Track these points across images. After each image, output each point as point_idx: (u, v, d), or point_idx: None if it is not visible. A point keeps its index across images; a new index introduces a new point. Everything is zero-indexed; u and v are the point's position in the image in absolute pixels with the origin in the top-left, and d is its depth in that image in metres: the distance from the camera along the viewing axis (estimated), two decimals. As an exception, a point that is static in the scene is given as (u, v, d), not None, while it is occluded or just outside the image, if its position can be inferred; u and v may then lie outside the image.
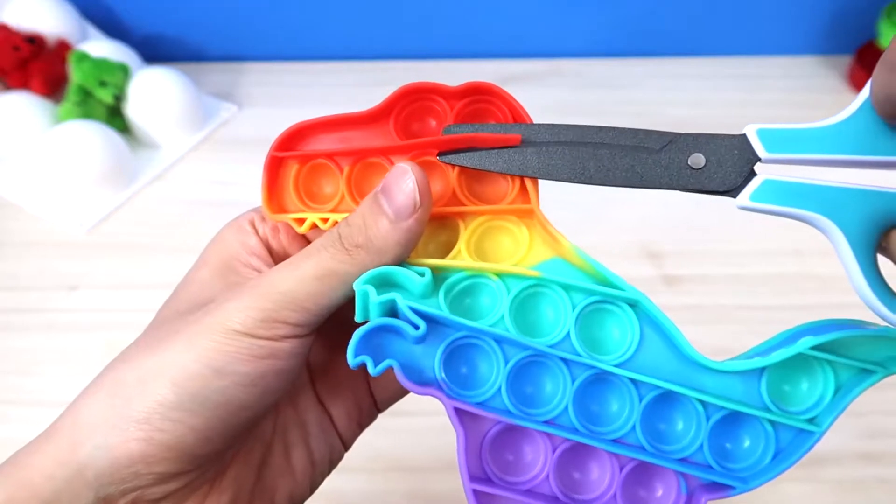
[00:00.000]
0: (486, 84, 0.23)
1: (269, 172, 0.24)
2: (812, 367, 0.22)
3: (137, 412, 0.21)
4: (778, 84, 0.73)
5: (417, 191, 0.21)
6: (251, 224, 0.26)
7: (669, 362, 0.22)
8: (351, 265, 0.21)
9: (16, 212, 0.63)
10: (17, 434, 0.48)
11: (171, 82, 0.67)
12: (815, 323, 0.23)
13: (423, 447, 0.46)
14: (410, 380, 0.21)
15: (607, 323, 0.23)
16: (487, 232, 0.24)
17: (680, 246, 0.58)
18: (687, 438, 0.22)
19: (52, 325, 0.54)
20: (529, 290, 0.23)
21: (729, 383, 0.22)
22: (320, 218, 0.24)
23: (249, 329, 0.21)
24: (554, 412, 0.22)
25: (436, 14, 0.77)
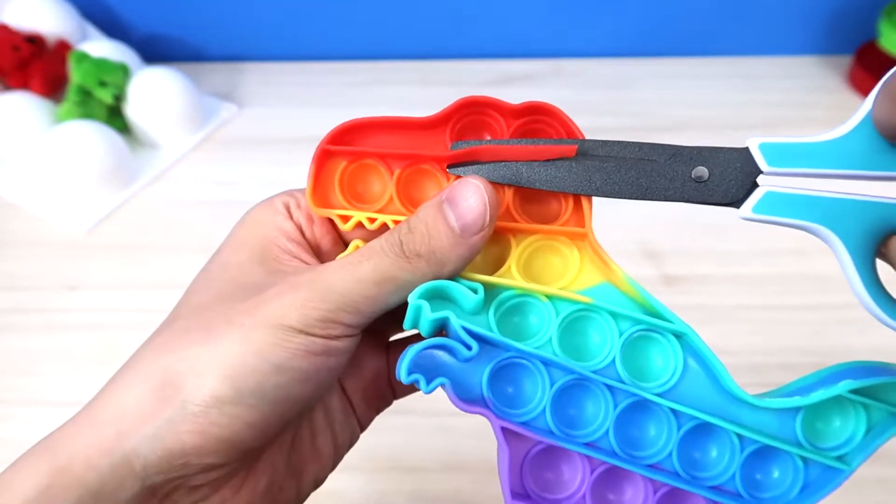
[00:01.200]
0: (544, 104, 0.23)
1: (318, 165, 0.24)
2: (846, 408, 0.22)
3: (193, 406, 0.20)
4: (778, 84, 0.73)
5: (489, 209, 0.21)
6: (285, 207, 0.25)
7: (710, 394, 0.22)
8: (410, 273, 0.21)
9: (16, 212, 0.63)
10: (17, 434, 0.48)
11: (171, 82, 0.67)
12: (851, 365, 0.23)
13: (423, 447, 0.46)
14: (460, 398, 0.22)
15: (652, 351, 0.23)
16: (538, 251, 0.24)
17: (680, 246, 0.58)
18: (720, 467, 0.23)
19: (52, 325, 0.54)
20: (578, 313, 0.23)
21: (765, 418, 0.22)
22: (367, 217, 0.24)
23: (306, 327, 0.21)
24: (595, 435, 0.23)
25: (436, 14, 0.77)
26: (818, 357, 0.50)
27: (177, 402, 0.20)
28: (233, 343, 0.21)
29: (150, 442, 0.20)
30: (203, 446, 0.21)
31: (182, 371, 0.21)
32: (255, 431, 0.21)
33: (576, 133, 0.24)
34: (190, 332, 0.22)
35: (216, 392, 0.20)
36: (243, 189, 0.64)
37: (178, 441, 0.20)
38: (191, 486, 0.21)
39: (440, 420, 0.47)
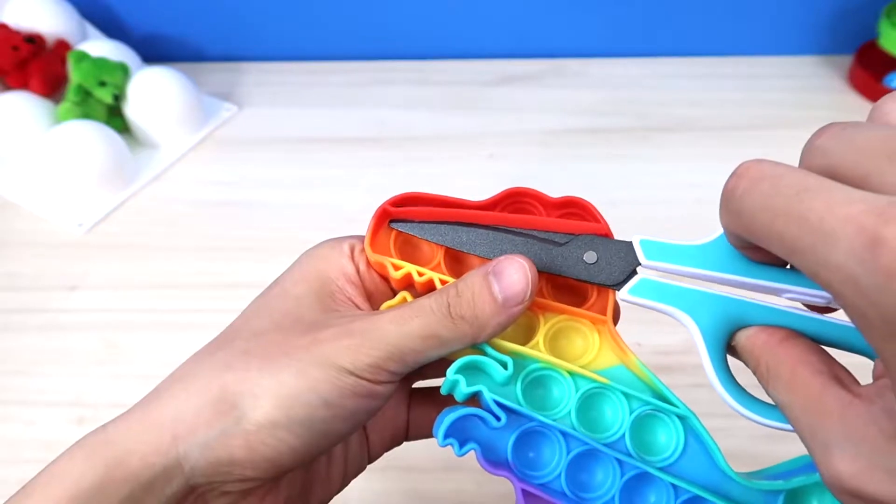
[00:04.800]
0: (581, 199, 0.27)
1: (378, 221, 0.27)
2: (824, 493, 0.25)
3: (248, 423, 0.22)
4: (778, 84, 0.73)
5: (530, 285, 0.24)
6: (351, 250, 0.27)
7: (705, 471, 0.25)
8: (453, 333, 0.24)
9: (16, 212, 0.62)
10: (18, 434, 0.48)
11: (170, 82, 0.67)
12: None
13: (422, 447, 0.46)
14: (488, 462, 0.25)
15: (657, 430, 0.26)
16: (564, 330, 0.27)
17: (680, 246, 0.58)
18: None
19: (52, 325, 0.54)
20: (595, 390, 0.26)
21: (752, 497, 0.25)
22: (417, 271, 0.26)
23: (357, 370, 0.23)
24: (602, 500, 0.25)
25: (436, 14, 0.77)
26: (818, 357, 0.50)
27: (232, 417, 0.23)
28: (290, 375, 0.23)
29: (202, 449, 0.22)
30: (248, 460, 0.23)
31: (241, 391, 0.23)
32: (295, 456, 0.23)
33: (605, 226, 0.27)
34: (250, 355, 0.24)
35: (270, 416, 0.23)
36: (243, 189, 0.64)
37: (227, 452, 0.23)
38: (223, 490, 0.24)
39: (440, 420, 0.47)
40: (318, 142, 0.69)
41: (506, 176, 0.64)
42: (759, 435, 0.46)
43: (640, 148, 0.67)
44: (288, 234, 0.59)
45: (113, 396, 0.49)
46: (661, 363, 0.48)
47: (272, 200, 0.63)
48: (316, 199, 0.62)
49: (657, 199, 0.62)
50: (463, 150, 0.67)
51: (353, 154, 0.68)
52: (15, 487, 0.26)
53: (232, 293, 0.54)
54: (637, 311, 0.30)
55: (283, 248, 0.30)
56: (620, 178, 0.64)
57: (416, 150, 0.67)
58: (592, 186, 0.63)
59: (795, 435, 0.29)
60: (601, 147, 0.68)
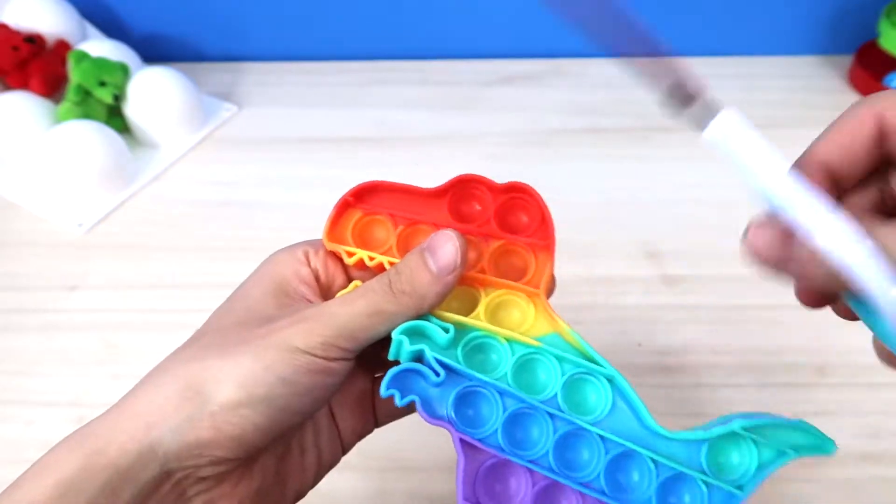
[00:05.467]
0: (524, 185, 0.29)
1: (338, 211, 0.30)
2: (741, 445, 0.27)
3: (212, 406, 0.24)
4: (778, 84, 0.73)
5: (459, 254, 0.27)
6: (305, 255, 0.30)
7: (632, 427, 0.27)
8: (396, 306, 0.26)
9: (16, 212, 0.62)
10: (18, 434, 0.48)
11: (170, 82, 0.67)
12: (749, 413, 0.28)
13: (423, 447, 0.46)
14: (427, 413, 0.27)
15: (587, 390, 0.28)
16: (502, 303, 0.29)
17: (680, 246, 0.58)
18: (640, 490, 0.27)
19: (52, 325, 0.54)
20: (529, 355, 0.28)
21: (676, 448, 0.27)
22: (368, 256, 0.29)
23: (310, 349, 0.25)
24: (537, 454, 0.27)
25: (436, 14, 0.77)
26: (818, 357, 0.50)
27: (198, 402, 0.25)
28: (247, 358, 0.25)
29: (173, 434, 0.24)
30: (216, 440, 0.25)
31: (204, 378, 0.25)
32: (260, 433, 0.25)
33: (544, 209, 0.29)
34: (212, 348, 0.26)
35: (231, 396, 0.25)
36: (243, 189, 0.64)
37: (195, 434, 0.24)
38: (199, 476, 0.25)
39: (440, 420, 0.47)
40: (318, 142, 0.69)
41: (506, 176, 0.63)
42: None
43: (640, 148, 0.67)
44: (288, 234, 0.58)
45: (113, 396, 0.48)
46: (662, 363, 0.48)
47: (272, 200, 0.63)
48: (316, 199, 0.62)
49: (657, 199, 0.62)
50: (463, 150, 0.67)
51: (353, 154, 0.68)
52: (15, 487, 0.27)
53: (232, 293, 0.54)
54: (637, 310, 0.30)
55: (283, 248, 0.31)
56: (620, 178, 0.64)
57: (416, 150, 0.67)
58: (592, 186, 0.63)
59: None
60: (601, 147, 0.68)
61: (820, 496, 0.44)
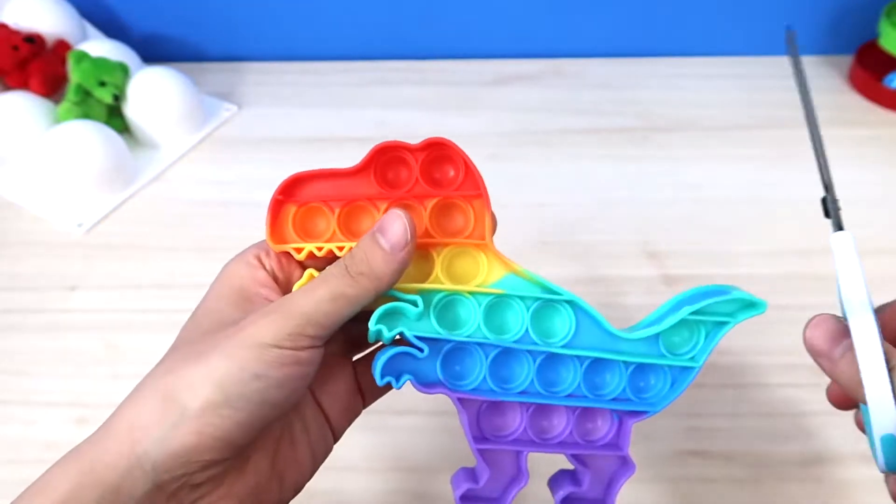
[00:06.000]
0: (441, 139, 0.30)
1: (273, 212, 0.30)
2: (690, 324, 0.31)
3: (192, 410, 0.25)
4: (778, 84, 0.73)
5: (408, 230, 0.28)
6: (258, 259, 0.30)
7: (598, 338, 0.31)
8: (356, 289, 0.27)
9: (15, 212, 0.62)
10: (17, 434, 0.48)
11: (170, 82, 0.67)
12: (689, 292, 0.32)
13: (423, 447, 0.46)
14: (422, 386, 0.29)
15: (553, 317, 0.31)
16: (455, 258, 0.31)
17: (680, 246, 0.58)
18: (613, 385, 0.31)
19: (52, 325, 0.54)
20: (494, 301, 0.30)
21: (638, 346, 0.31)
22: (316, 247, 0.30)
23: (278, 342, 0.26)
24: (524, 385, 0.31)
25: (436, 14, 0.77)
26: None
27: (177, 410, 0.25)
28: (219, 360, 0.26)
29: (158, 444, 0.25)
30: (201, 444, 0.25)
31: (180, 387, 0.26)
32: (243, 429, 0.26)
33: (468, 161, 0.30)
34: (185, 358, 0.27)
35: (208, 398, 0.25)
36: (243, 189, 0.64)
37: (180, 442, 0.25)
38: (193, 484, 0.26)
39: (442, 420, 0.47)
40: (318, 142, 0.69)
41: (506, 176, 0.64)
42: (761, 435, 0.47)
43: (640, 148, 0.67)
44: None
45: (113, 396, 0.48)
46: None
47: (272, 200, 0.63)
48: (316, 199, 0.62)
49: (657, 199, 0.62)
50: (463, 150, 0.67)
51: (353, 154, 0.67)
52: (15, 487, 0.27)
53: (232, 293, 0.55)
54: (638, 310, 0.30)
55: (284, 248, 0.31)
56: (620, 178, 0.64)
57: (416, 150, 0.67)
58: (593, 186, 0.63)
59: (791, 434, 0.30)
60: (601, 147, 0.68)
61: (820, 496, 0.44)
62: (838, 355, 0.26)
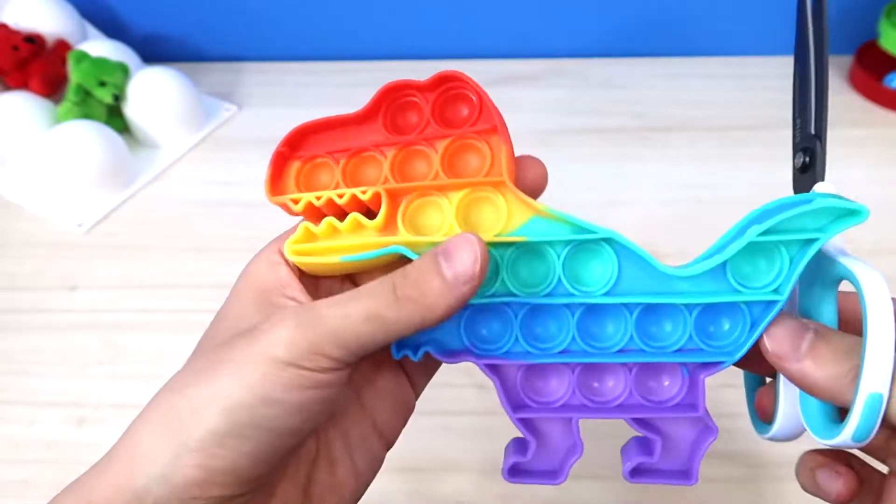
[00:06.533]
0: (452, 72, 0.26)
1: (275, 166, 0.27)
2: (766, 248, 0.25)
3: (193, 440, 0.21)
4: (778, 84, 0.73)
5: (479, 261, 0.23)
6: (279, 254, 0.26)
7: (647, 281, 0.26)
8: (398, 314, 0.22)
9: (15, 212, 0.62)
10: (17, 434, 0.48)
11: (170, 82, 0.67)
12: (759, 209, 0.26)
13: (424, 447, 0.46)
14: (444, 355, 0.26)
15: (590, 261, 0.26)
16: (472, 204, 0.26)
17: (680, 246, 0.58)
18: (677, 335, 0.26)
19: (52, 325, 0.54)
20: (519, 250, 0.26)
21: (700, 282, 0.25)
22: (315, 196, 0.27)
23: (295, 359, 0.22)
24: (564, 344, 0.26)
25: (436, 14, 0.77)
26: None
27: (179, 439, 0.22)
28: (226, 380, 0.22)
29: (160, 480, 0.21)
30: (206, 479, 0.22)
31: (182, 410, 0.22)
32: (252, 461, 0.22)
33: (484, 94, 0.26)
34: (191, 373, 0.23)
35: (212, 427, 0.21)
36: (243, 189, 0.64)
37: (182, 477, 0.21)
38: None
39: (442, 420, 0.47)
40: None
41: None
42: (756, 435, 0.46)
43: (640, 148, 0.67)
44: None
45: (113, 396, 0.49)
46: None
47: (272, 200, 0.63)
48: (316, 199, 0.62)
49: (657, 199, 0.62)
50: (463, 150, 0.67)
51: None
52: (15, 487, 0.26)
53: (232, 293, 0.55)
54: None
55: (284, 248, 0.31)
56: (620, 178, 0.64)
57: (416, 150, 0.67)
58: (592, 186, 0.63)
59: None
60: (601, 147, 0.68)
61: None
62: (804, 351, 0.23)
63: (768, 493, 0.44)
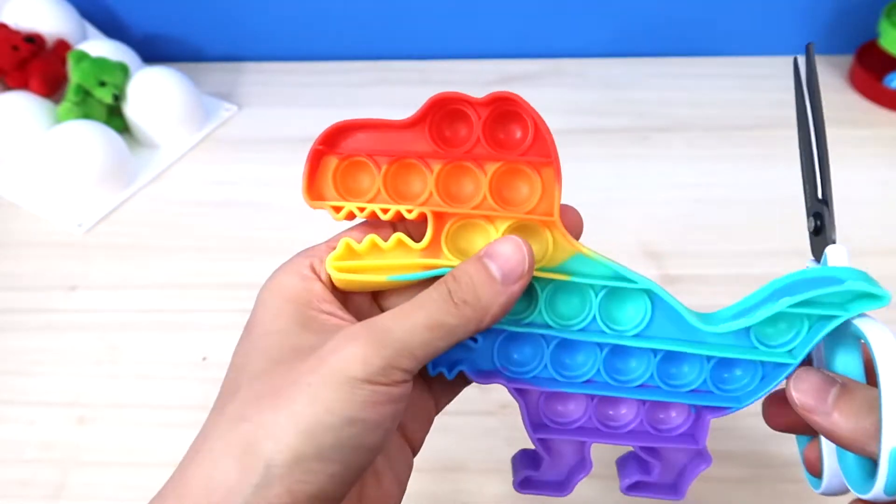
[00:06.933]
0: (508, 94, 0.26)
1: (311, 164, 0.27)
2: (790, 316, 0.27)
3: (277, 469, 0.21)
4: (778, 84, 0.73)
5: (527, 260, 0.24)
6: (311, 269, 0.26)
7: (676, 330, 0.27)
8: (457, 319, 0.24)
9: (15, 211, 0.62)
10: (17, 434, 0.48)
11: (170, 82, 0.67)
12: (788, 279, 0.27)
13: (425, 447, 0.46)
14: (477, 375, 0.27)
15: (625, 305, 0.28)
16: (518, 232, 0.26)
17: (680, 246, 0.58)
18: (692, 377, 0.28)
19: (52, 325, 0.54)
20: (559, 285, 0.27)
21: (724, 337, 0.27)
22: (357, 207, 0.26)
23: (370, 376, 0.22)
24: (589, 374, 0.28)
25: (436, 14, 0.77)
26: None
27: (260, 468, 0.21)
28: (303, 404, 0.22)
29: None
30: None
31: (260, 438, 0.22)
32: (338, 482, 0.22)
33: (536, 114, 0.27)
34: (260, 398, 0.23)
35: (296, 451, 0.21)
36: (243, 189, 0.64)
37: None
38: None
39: (441, 420, 0.47)
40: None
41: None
42: (761, 437, 0.46)
43: (640, 148, 0.67)
44: (288, 234, 0.58)
45: (112, 396, 0.49)
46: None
47: (272, 200, 0.63)
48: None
49: (657, 199, 0.62)
50: (463, 150, 0.67)
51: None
52: (15, 487, 0.26)
53: (232, 293, 0.54)
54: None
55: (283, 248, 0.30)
56: (620, 178, 0.64)
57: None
58: (592, 186, 0.63)
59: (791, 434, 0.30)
60: (601, 147, 0.68)
61: (820, 496, 0.44)
62: (831, 403, 0.23)
63: (768, 493, 0.44)
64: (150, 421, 0.47)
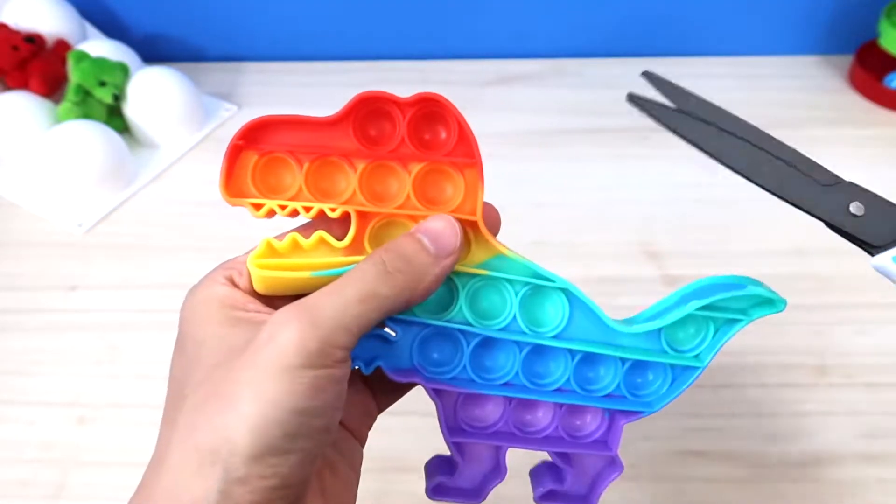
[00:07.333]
0: (433, 95, 0.26)
1: (229, 159, 0.26)
2: (698, 320, 0.28)
3: (236, 471, 0.21)
4: (778, 84, 0.73)
5: (458, 236, 0.25)
6: (229, 280, 0.26)
7: (593, 330, 0.28)
8: (391, 289, 0.24)
9: (15, 211, 0.62)
10: (17, 434, 0.48)
11: (170, 82, 0.67)
12: (699, 283, 0.29)
13: (422, 448, 0.46)
14: (394, 372, 0.27)
15: (544, 304, 0.28)
16: None
17: (680, 246, 0.58)
18: (607, 380, 0.28)
19: (52, 325, 0.54)
20: (479, 283, 0.27)
21: (637, 340, 0.28)
22: (279, 205, 0.26)
23: (309, 361, 0.22)
24: (508, 377, 0.28)
25: (436, 14, 0.77)
26: (818, 357, 0.50)
27: (219, 474, 0.21)
28: (247, 403, 0.21)
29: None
30: (263, 500, 0.21)
31: (214, 444, 0.21)
32: (297, 469, 0.22)
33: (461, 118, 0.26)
34: (206, 403, 0.22)
35: (250, 451, 0.21)
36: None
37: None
38: None
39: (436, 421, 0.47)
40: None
41: (506, 176, 0.64)
42: (756, 435, 0.47)
43: (640, 148, 0.67)
44: (288, 234, 0.59)
45: (112, 396, 0.49)
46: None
47: (272, 200, 0.63)
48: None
49: (657, 199, 0.62)
50: (463, 150, 0.67)
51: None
52: (15, 487, 0.26)
53: (232, 293, 0.54)
54: (638, 310, 0.30)
55: (283, 248, 0.31)
56: (620, 178, 0.64)
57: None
58: (592, 186, 0.63)
59: (790, 434, 0.30)
60: (601, 147, 0.68)
61: (819, 496, 0.44)
62: None
63: (768, 493, 0.44)
64: (150, 421, 0.47)
